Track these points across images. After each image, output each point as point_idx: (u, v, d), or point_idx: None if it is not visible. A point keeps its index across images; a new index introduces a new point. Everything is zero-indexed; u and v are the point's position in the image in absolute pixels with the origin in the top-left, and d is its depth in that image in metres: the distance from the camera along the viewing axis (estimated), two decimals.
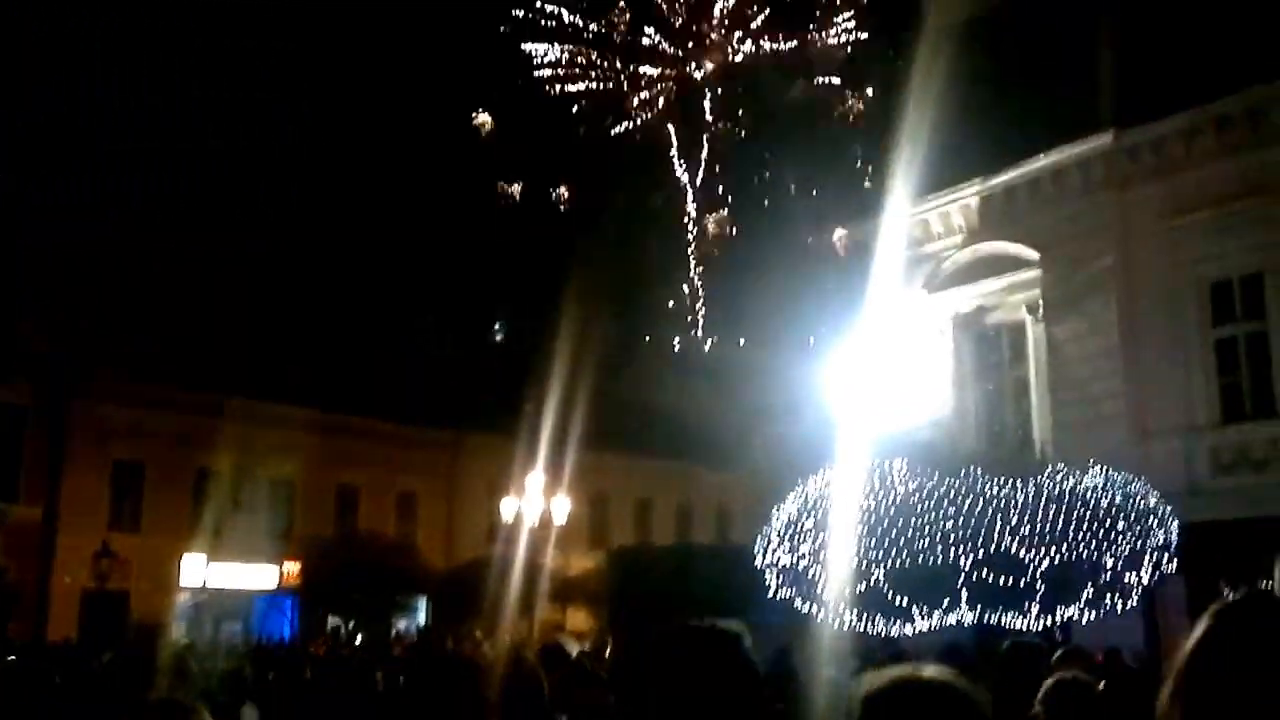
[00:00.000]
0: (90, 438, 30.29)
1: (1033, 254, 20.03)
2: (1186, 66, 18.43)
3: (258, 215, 36.88)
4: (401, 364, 37.29)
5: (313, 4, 40.20)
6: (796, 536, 15.56)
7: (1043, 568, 13.62)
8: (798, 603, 15.68)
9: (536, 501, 27.78)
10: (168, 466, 31.86)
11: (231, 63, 41.45)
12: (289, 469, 33.75)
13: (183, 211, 34.90)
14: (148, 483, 31.87)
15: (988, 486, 14.85)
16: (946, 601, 14.23)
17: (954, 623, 14.46)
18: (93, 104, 38.66)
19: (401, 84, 40.72)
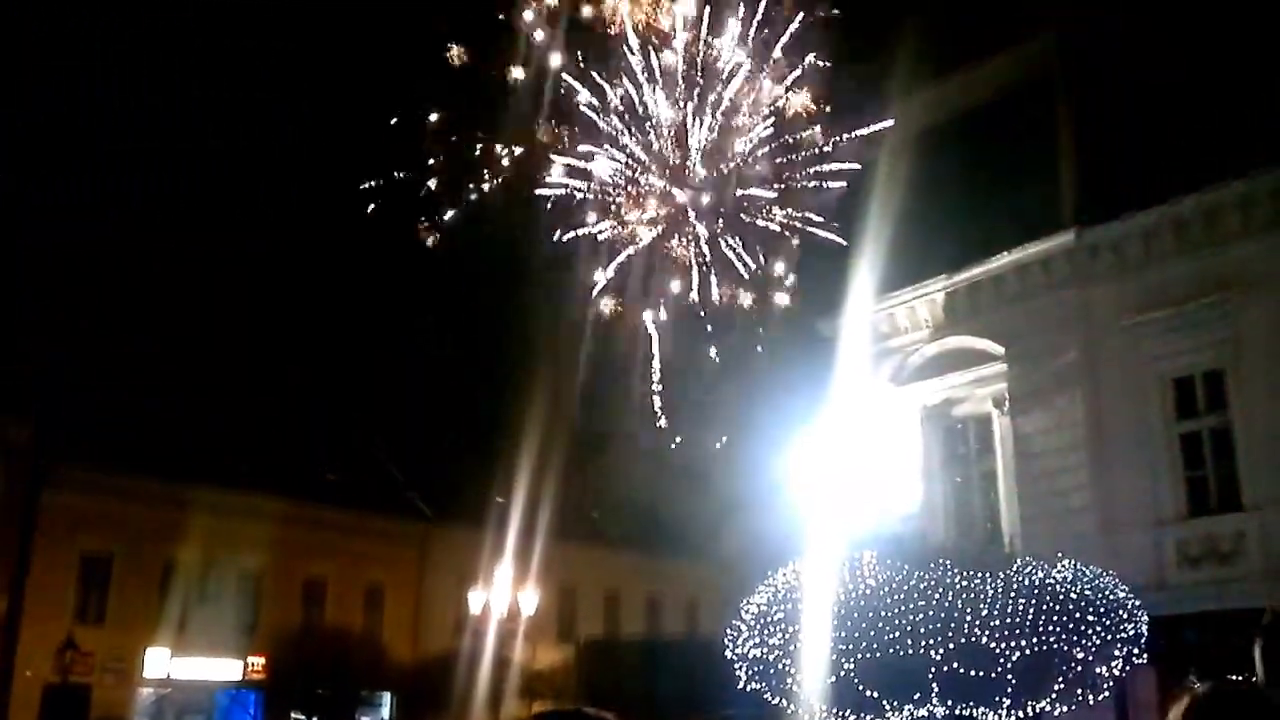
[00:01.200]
0: (59, 529, 29.70)
1: (998, 349, 20.20)
2: (1145, 168, 18.82)
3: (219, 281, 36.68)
4: (370, 453, 37.01)
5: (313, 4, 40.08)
6: (766, 628, 15.40)
7: (1013, 660, 13.52)
8: (768, 696, 15.48)
9: (504, 593, 27.48)
10: (136, 558, 31.27)
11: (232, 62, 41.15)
12: (256, 560, 33.23)
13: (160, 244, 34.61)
14: (115, 575, 31.23)
15: (957, 579, 14.75)
16: (917, 695, 14.08)
17: (925, 715, 14.29)
18: (93, 104, 38.22)
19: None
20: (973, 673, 13.68)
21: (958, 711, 14.12)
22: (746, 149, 20.26)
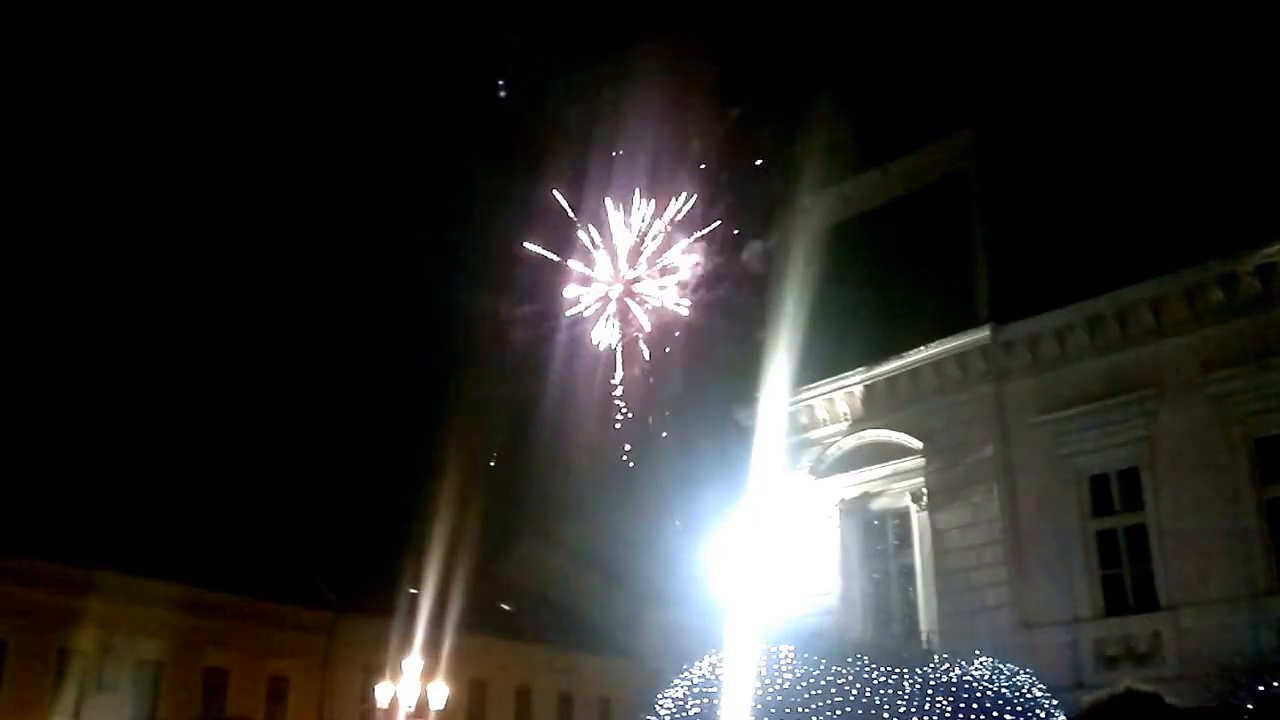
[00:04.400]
0: None
1: (916, 443, 20.05)
2: (1060, 266, 18.95)
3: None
4: (276, 540, 35.92)
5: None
6: None
7: None
8: None
9: (413, 686, 26.56)
10: (29, 645, 29.69)
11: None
12: (155, 649, 31.81)
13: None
14: (7, 661, 29.60)
15: (876, 675, 14.49)
16: None
17: None
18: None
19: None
20: None
21: None
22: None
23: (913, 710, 13.91)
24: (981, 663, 15.26)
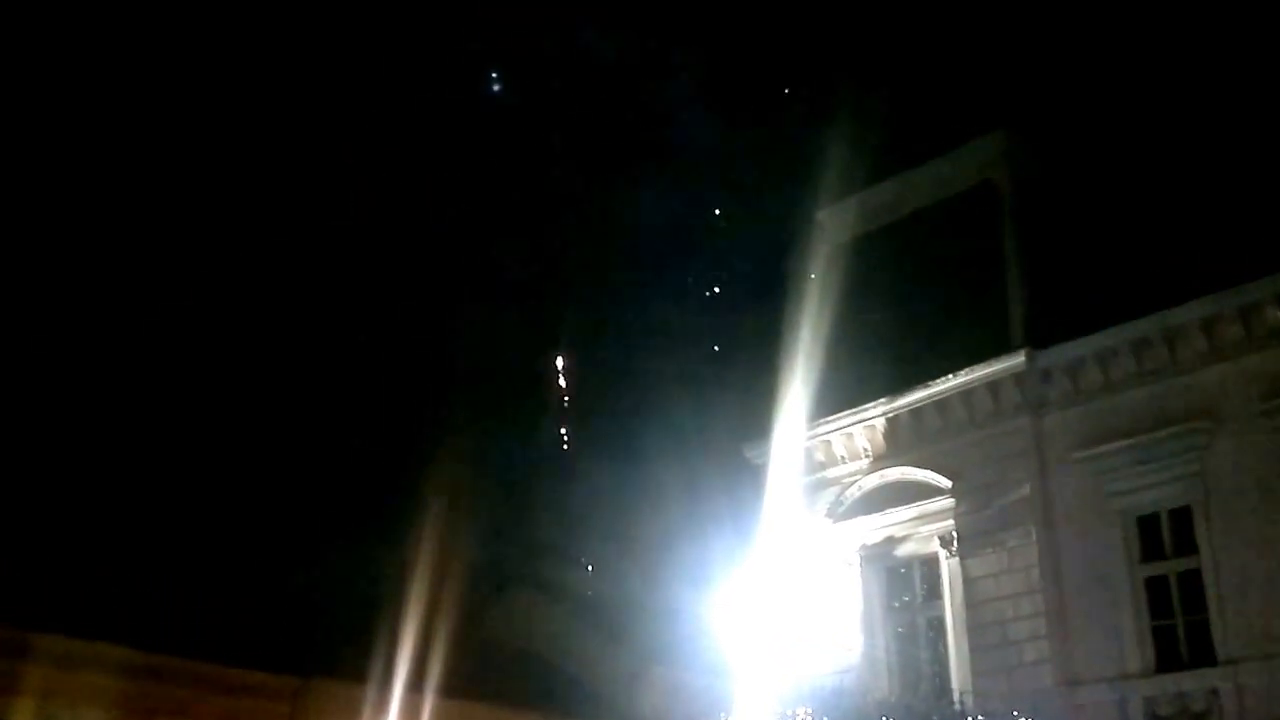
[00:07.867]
0: None
1: (945, 482, 19.92)
2: (1102, 285, 18.87)
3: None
4: (236, 597, 35.64)
5: None
6: None
7: None
8: None
9: None
10: None
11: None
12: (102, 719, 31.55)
13: None
14: None
15: None
16: None
17: None
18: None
19: None
20: None
21: None
22: None
23: None
24: None
